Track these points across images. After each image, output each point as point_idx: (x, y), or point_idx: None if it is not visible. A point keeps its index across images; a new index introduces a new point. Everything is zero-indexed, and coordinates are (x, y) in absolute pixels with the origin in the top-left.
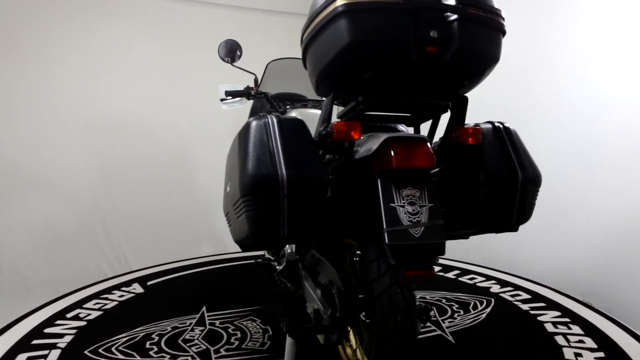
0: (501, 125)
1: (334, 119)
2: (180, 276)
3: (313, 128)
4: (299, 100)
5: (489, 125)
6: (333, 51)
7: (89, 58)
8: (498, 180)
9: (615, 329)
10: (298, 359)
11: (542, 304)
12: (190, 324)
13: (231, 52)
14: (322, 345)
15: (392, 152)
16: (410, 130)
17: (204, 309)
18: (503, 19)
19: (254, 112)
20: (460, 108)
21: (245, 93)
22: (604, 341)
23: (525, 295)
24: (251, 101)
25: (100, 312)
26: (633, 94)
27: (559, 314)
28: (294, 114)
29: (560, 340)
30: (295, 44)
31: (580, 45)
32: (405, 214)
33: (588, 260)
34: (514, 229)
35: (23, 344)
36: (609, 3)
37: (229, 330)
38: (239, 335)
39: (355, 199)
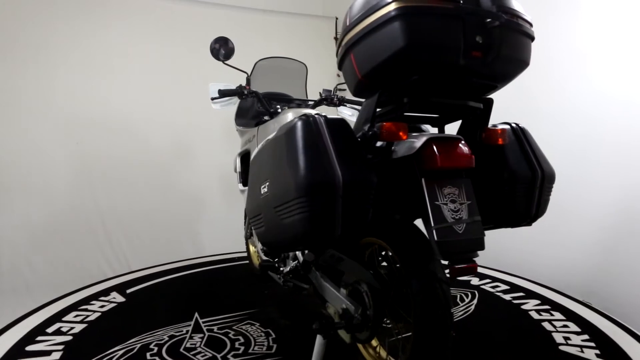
0: (517, 126)
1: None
2: (160, 282)
3: None
4: (285, 100)
5: (507, 126)
6: (386, 53)
7: (88, 58)
8: (520, 178)
9: (616, 328)
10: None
11: (522, 294)
12: (187, 331)
13: (223, 49)
14: (346, 344)
15: (436, 152)
16: (435, 130)
17: (196, 315)
18: (532, 25)
19: (241, 112)
20: (487, 110)
21: (238, 92)
22: (603, 340)
23: (503, 287)
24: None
25: (84, 325)
26: (633, 93)
27: (539, 301)
28: (290, 114)
29: (547, 326)
30: (295, 44)
31: (580, 45)
32: (448, 211)
33: (587, 260)
34: (530, 223)
35: None
36: (609, 3)
37: (230, 335)
38: (242, 340)
39: (390, 198)
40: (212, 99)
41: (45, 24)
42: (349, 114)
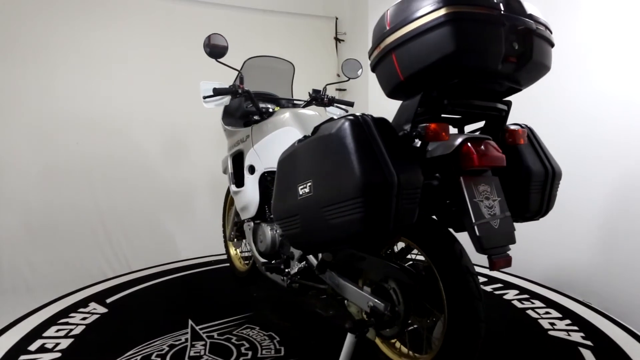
0: (526, 126)
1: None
2: (140, 290)
3: (307, 127)
4: (273, 99)
5: (518, 127)
6: (435, 56)
7: (88, 58)
8: (536, 175)
9: (616, 328)
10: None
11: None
12: (186, 339)
13: (217, 47)
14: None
15: (475, 152)
16: (455, 131)
17: (190, 322)
18: (552, 32)
19: (228, 111)
20: (507, 111)
21: (232, 91)
22: (603, 339)
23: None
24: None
25: (70, 340)
26: (633, 93)
27: (525, 294)
28: (287, 113)
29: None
30: (295, 44)
31: (580, 44)
32: (484, 208)
33: (587, 259)
34: (538, 218)
35: None
36: (609, 2)
37: (233, 341)
38: (247, 345)
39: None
40: (204, 97)
41: (45, 23)
42: (337, 114)
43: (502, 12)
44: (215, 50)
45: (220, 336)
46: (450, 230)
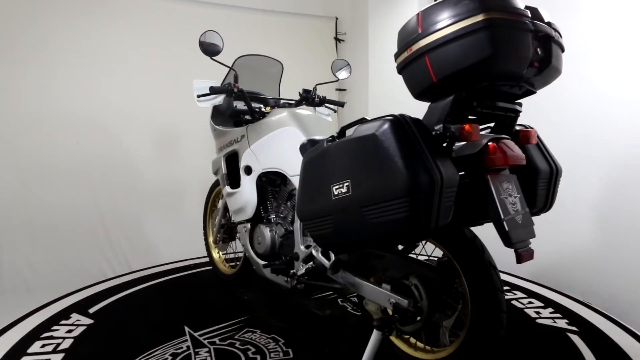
0: (530, 126)
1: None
2: (123, 297)
3: (307, 127)
4: (263, 99)
5: (529, 128)
6: (471, 60)
7: (88, 58)
8: (543, 173)
9: (616, 328)
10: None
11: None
12: (188, 347)
13: (212, 45)
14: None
15: (502, 151)
16: None
17: (187, 329)
18: (562, 37)
19: (218, 110)
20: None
21: (229, 90)
22: (601, 338)
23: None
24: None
25: (61, 355)
26: (633, 93)
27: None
28: (286, 113)
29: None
30: (295, 44)
31: (580, 44)
32: (509, 204)
33: (587, 259)
34: (541, 213)
35: None
36: (609, 2)
37: (238, 346)
38: (253, 349)
39: None
40: (199, 96)
41: (45, 23)
42: (326, 114)
43: (530, 19)
44: (210, 48)
45: (223, 342)
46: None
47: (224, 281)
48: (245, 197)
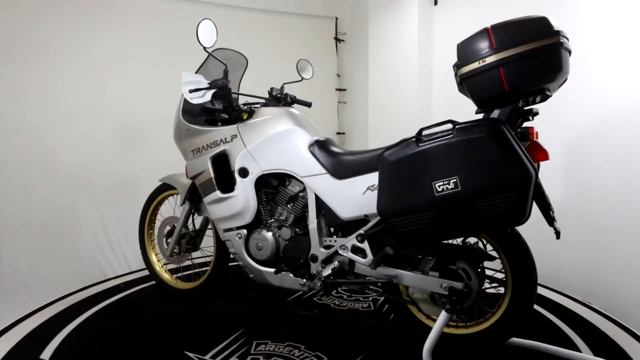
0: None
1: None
2: (90, 317)
3: (307, 127)
4: (230, 97)
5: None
6: (544, 74)
7: (89, 58)
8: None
9: (616, 328)
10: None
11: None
12: None
13: (209, 35)
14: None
15: (542, 149)
16: None
17: (192, 355)
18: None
19: (192, 108)
20: None
21: (222, 86)
22: (602, 339)
23: None
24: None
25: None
26: (634, 92)
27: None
28: (287, 113)
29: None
30: (295, 44)
31: (580, 44)
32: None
33: (587, 259)
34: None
35: None
36: (609, 2)
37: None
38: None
39: None
40: (191, 90)
41: (46, 24)
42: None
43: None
44: (207, 38)
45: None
46: None
47: (177, 297)
48: (242, 201)
